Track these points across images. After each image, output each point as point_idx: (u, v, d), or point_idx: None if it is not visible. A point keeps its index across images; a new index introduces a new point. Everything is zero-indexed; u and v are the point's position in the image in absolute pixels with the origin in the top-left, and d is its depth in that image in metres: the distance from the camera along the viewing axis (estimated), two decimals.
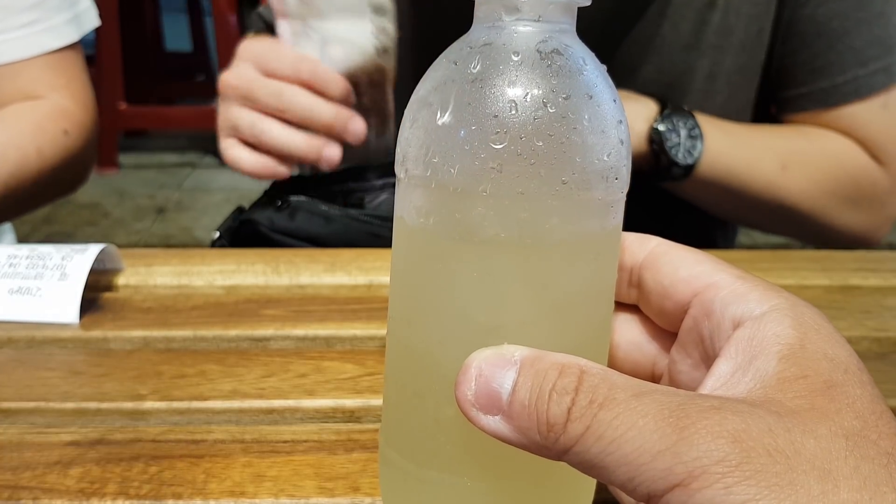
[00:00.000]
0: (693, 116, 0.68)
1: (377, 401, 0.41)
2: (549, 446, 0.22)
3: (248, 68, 0.65)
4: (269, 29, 0.90)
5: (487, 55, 0.25)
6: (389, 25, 0.61)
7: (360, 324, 0.48)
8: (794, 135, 0.73)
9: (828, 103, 0.72)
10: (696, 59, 0.71)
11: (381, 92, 0.66)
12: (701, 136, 0.68)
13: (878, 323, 0.50)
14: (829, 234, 0.75)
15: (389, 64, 0.63)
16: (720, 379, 0.24)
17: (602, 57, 0.27)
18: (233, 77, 0.65)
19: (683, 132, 0.67)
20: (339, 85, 0.63)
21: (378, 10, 0.60)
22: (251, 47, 0.66)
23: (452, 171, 0.25)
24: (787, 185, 0.71)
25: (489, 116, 0.25)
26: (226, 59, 2.67)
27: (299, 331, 0.48)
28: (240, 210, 0.74)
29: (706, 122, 0.68)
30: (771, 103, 0.78)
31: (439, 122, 0.25)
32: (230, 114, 0.66)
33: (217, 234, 0.73)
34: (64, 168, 0.74)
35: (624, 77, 0.71)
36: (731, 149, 0.69)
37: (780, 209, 0.73)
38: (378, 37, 0.62)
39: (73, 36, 0.77)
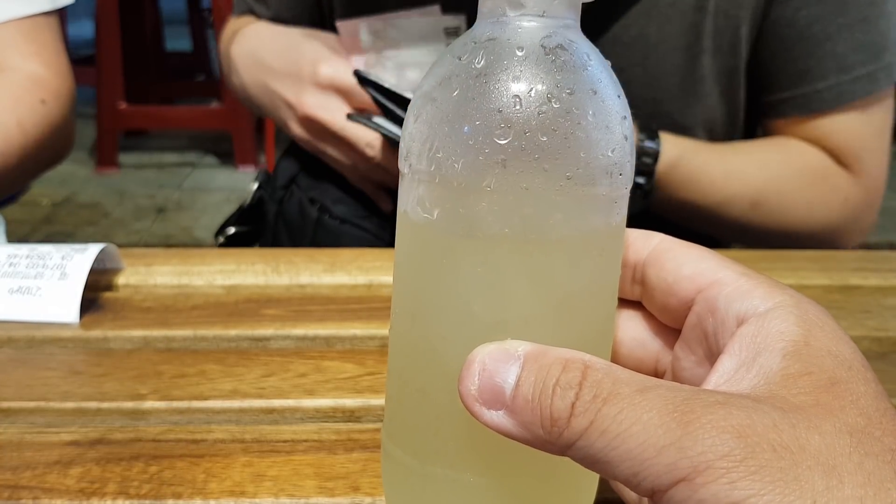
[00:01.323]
0: (646, 175, 0.67)
1: (377, 400, 0.41)
2: (553, 441, 0.22)
3: (331, 101, 0.68)
4: (252, 12, 0.90)
5: (492, 50, 0.25)
6: None
7: (360, 324, 0.48)
8: (772, 158, 0.73)
9: (809, 109, 0.71)
10: (687, 62, 0.71)
11: None
12: (647, 194, 0.68)
13: (878, 323, 0.50)
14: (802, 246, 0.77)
15: None
16: (724, 375, 0.24)
17: None
18: (320, 110, 0.68)
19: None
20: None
21: (451, 33, 0.61)
22: (331, 75, 0.69)
23: (456, 166, 0.25)
24: (757, 220, 0.72)
25: (493, 111, 0.24)
26: None
27: (299, 330, 0.47)
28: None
29: (666, 170, 0.67)
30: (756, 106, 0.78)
31: (443, 117, 0.25)
32: (344, 157, 0.71)
33: (256, 185, 0.81)
34: (46, 138, 0.73)
35: None
36: (692, 195, 0.70)
37: (745, 237, 0.75)
38: None
39: (43, 5, 0.76)
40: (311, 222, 0.74)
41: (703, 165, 0.69)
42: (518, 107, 0.24)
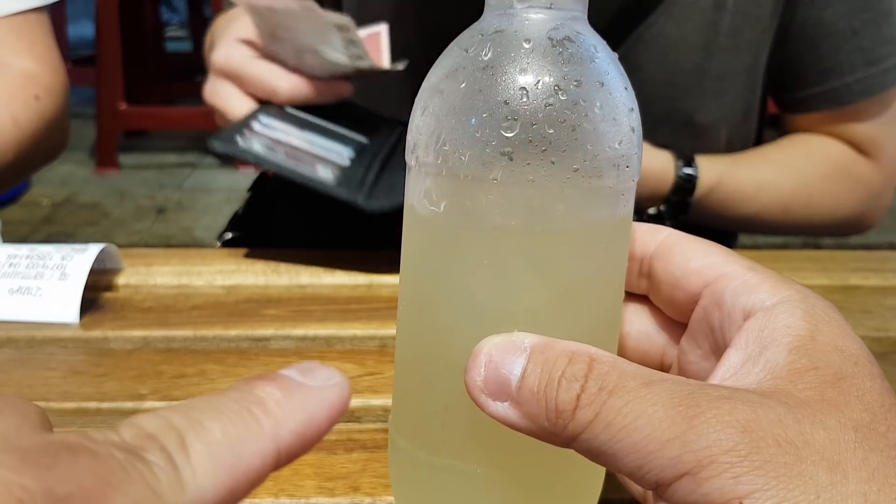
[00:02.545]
0: (684, 209, 0.69)
1: (377, 401, 0.41)
2: (558, 433, 0.22)
3: (222, 86, 0.64)
4: None
5: (499, 42, 0.25)
6: (356, 37, 0.61)
7: (360, 324, 0.48)
8: (800, 164, 0.75)
9: (839, 102, 0.73)
10: (705, 60, 0.71)
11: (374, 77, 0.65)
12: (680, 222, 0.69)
13: (878, 323, 0.50)
14: (823, 233, 0.81)
15: (366, 65, 0.63)
16: (730, 369, 0.24)
17: None
18: (210, 94, 0.65)
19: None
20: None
21: (342, 28, 0.59)
22: (238, 31, 0.65)
23: (463, 158, 0.25)
24: (788, 222, 0.74)
25: (500, 104, 0.24)
26: None
27: (299, 331, 0.47)
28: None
29: (704, 195, 0.69)
30: (776, 102, 0.78)
31: (450, 110, 0.25)
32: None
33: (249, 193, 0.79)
34: (41, 134, 0.73)
35: (628, 76, 0.71)
36: (726, 212, 0.72)
37: (775, 234, 0.80)
38: (348, 48, 0.61)
39: (33, 1, 0.75)
40: (304, 241, 0.73)
41: (739, 185, 0.72)
42: (525, 99, 0.24)
